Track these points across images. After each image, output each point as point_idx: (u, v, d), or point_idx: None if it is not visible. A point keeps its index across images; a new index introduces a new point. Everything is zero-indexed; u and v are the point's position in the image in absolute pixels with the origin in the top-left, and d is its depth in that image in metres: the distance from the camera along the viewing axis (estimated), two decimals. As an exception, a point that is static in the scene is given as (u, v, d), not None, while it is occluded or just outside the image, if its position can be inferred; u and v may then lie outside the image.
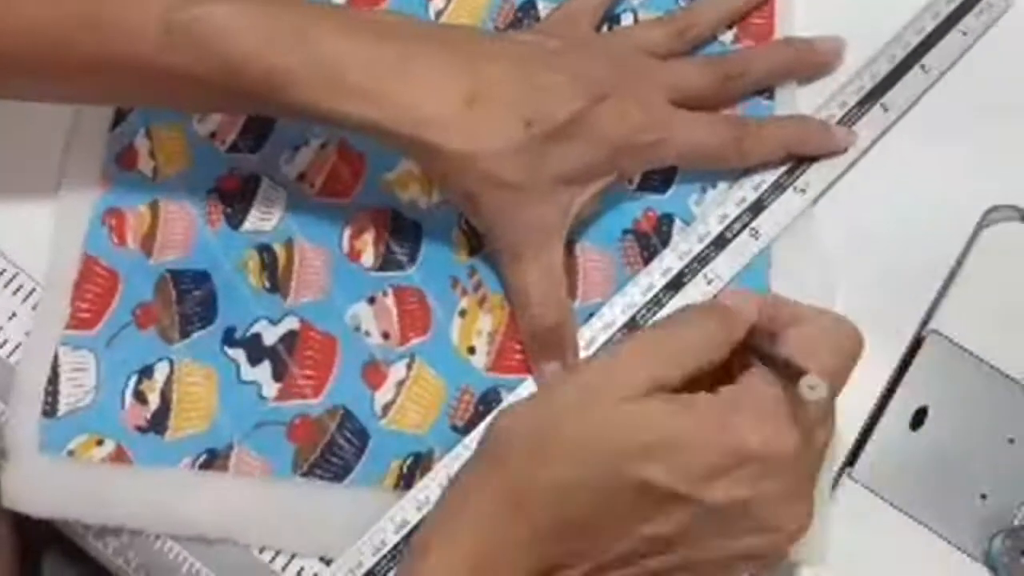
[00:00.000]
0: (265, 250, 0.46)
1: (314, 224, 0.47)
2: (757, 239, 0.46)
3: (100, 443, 0.44)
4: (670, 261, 0.46)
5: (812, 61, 0.49)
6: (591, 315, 0.45)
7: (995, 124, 0.48)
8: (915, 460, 0.44)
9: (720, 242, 0.46)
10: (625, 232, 0.46)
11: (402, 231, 0.47)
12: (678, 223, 0.46)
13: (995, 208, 0.47)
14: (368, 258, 0.46)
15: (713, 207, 0.46)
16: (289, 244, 0.47)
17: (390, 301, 0.46)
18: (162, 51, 0.40)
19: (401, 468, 0.43)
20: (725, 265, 0.45)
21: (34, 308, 0.47)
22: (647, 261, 0.46)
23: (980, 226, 0.47)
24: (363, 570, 0.42)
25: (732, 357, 0.39)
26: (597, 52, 0.45)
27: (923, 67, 0.48)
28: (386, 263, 0.46)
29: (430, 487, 0.43)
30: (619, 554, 0.37)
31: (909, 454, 0.44)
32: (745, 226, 0.46)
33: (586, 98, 0.43)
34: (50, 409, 0.44)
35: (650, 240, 0.46)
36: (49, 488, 0.44)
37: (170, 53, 0.40)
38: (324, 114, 0.41)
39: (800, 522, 0.38)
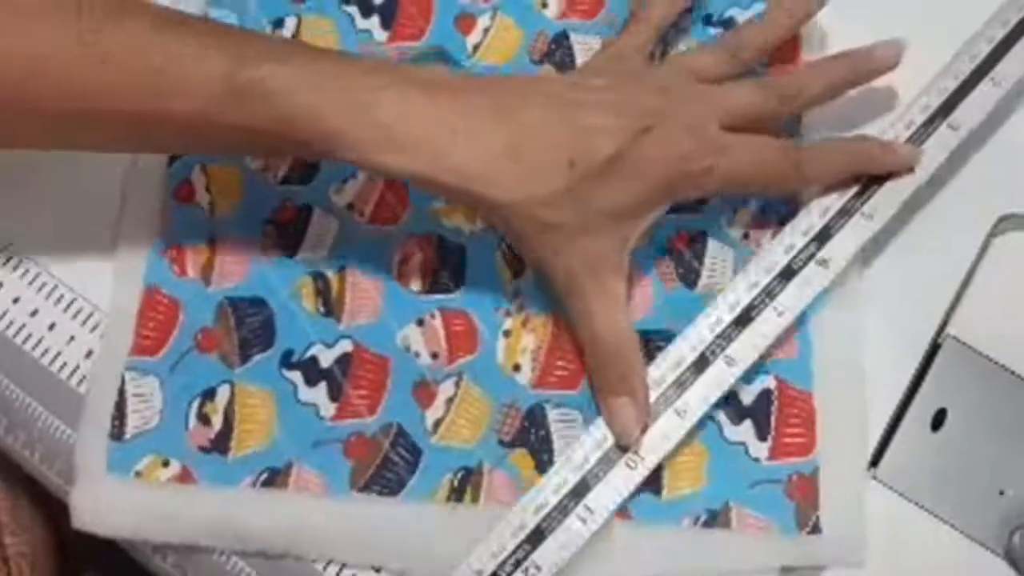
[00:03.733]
0: (319, 277, 0.48)
1: (365, 251, 0.48)
2: (826, 268, 0.45)
3: (166, 464, 0.45)
4: (737, 295, 0.45)
5: (871, 69, 0.47)
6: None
7: (1004, 135, 0.49)
8: (936, 460, 0.45)
9: (787, 273, 0.45)
10: (660, 251, 0.48)
11: (447, 256, 0.48)
12: (712, 240, 0.48)
13: (1005, 217, 0.48)
14: (416, 282, 0.48)
15: (779, 238, 0.46)
16: (342, 271, 0.48)
17: (438, 323, 0.47)
18: (223, 108, 0.41)
19: (452, 482, 0.45)
20: (794, 296, 0.45)
21: (93, 331, 0.47)
22: (683, 277, 0.47)
23: (991, 235, 0.48)
24: None
25: None
26: (645, 83, 0.45)
27: (993, 80, 0.47)
28: (433, 287, 0.48)
29: (541, 495, 0.43)
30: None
31: (930, 454, 0.46)
32: (812, 256, 0.45)
33: (628, 132, 0.43)
34: (117, 432, 0.45)
35: (684, 257, 0.48)
36: (117, 509, 0.45)
37: (230, 110, 0.41)
38: (373, 166, 0.42)
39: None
